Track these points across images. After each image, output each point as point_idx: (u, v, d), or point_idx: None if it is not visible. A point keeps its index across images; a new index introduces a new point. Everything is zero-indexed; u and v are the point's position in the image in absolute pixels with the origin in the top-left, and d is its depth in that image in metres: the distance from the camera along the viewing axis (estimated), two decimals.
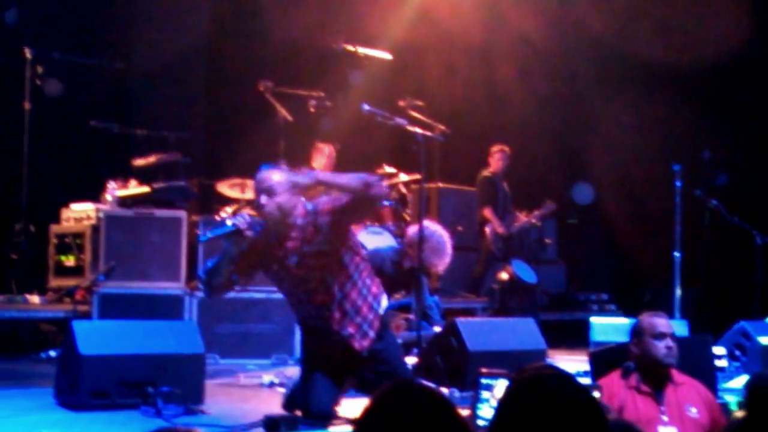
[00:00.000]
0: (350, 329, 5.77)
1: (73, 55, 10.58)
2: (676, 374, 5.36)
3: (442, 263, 7.61)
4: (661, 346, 5.29)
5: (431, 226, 7.64)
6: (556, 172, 13.41)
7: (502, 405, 2.52)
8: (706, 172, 11.67)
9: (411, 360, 7.10)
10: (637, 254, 12.72)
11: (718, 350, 8.20)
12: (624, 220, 12.92)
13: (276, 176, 5.62)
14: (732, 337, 8.58)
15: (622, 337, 7.97)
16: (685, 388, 5.26)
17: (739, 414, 3.63)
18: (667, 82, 12.34)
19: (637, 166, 12.49)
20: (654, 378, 5.30)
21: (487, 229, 11.22)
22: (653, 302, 11.05)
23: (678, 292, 9.64)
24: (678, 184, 9.66)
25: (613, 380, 5.38)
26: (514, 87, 12.49)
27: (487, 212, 11.24)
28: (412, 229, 7.65)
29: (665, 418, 5.07)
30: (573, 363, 8.46)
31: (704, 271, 11.60)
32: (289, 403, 5.96)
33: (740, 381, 7.99)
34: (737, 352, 8.47)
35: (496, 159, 11.46)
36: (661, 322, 5.39)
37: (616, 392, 5.20)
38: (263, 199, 5.59)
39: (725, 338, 8.58)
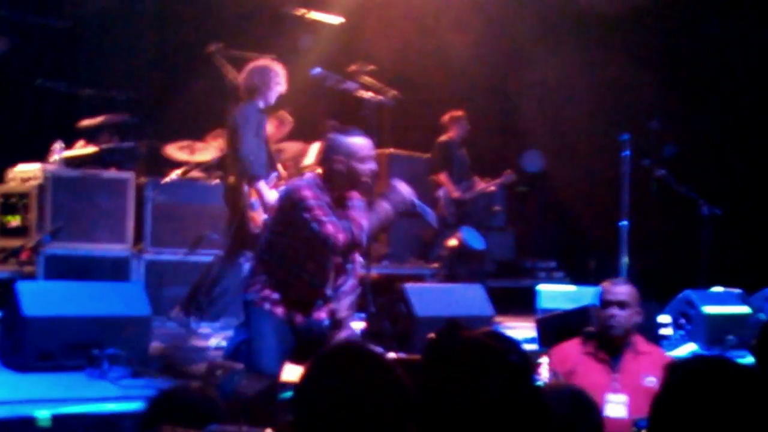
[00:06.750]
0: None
1: (21, 12, 10.42)
2: (640, 343, 5.35)
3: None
4: (605, 314, 5.31)
5: None
6: (506, 139, 13.43)
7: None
8: (654, 142, 11.73)
9: (359, 325, 7.10)
10: (585, 223, 12.80)
11: (664, 319, 8.31)
12: (572, 189, 12.98)
13: None
14: (677, 306, 8.68)
15: (569, 304, 8.09)
16: (646, 357, 5.22)
17: None
18: (617, 48, 12.38)
19: (586, 135, 12.54)
20: (609, 345, 5.30)
21: (440, 194, 11.16)
22: (599, 270, 11.16)
23: (624, 260, 9.70)
24: (625, 153, 9.69)
25: (572, 345, 5.39)
26: (466, 54, 12.46)
27: (443, 177, 11.13)
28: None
29: (616, 386, 5.08)
30: (520, 330, 8.54)
31: (651, 241, 11.69)
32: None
33: (685, 349, 8.10)
34: (682, 321, 8.57)
35: (456, 125, 11.36)
36: (610, 290, 5.38)
37: (569, 357, 5.22)
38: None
39: (670, 307, 8.68)
